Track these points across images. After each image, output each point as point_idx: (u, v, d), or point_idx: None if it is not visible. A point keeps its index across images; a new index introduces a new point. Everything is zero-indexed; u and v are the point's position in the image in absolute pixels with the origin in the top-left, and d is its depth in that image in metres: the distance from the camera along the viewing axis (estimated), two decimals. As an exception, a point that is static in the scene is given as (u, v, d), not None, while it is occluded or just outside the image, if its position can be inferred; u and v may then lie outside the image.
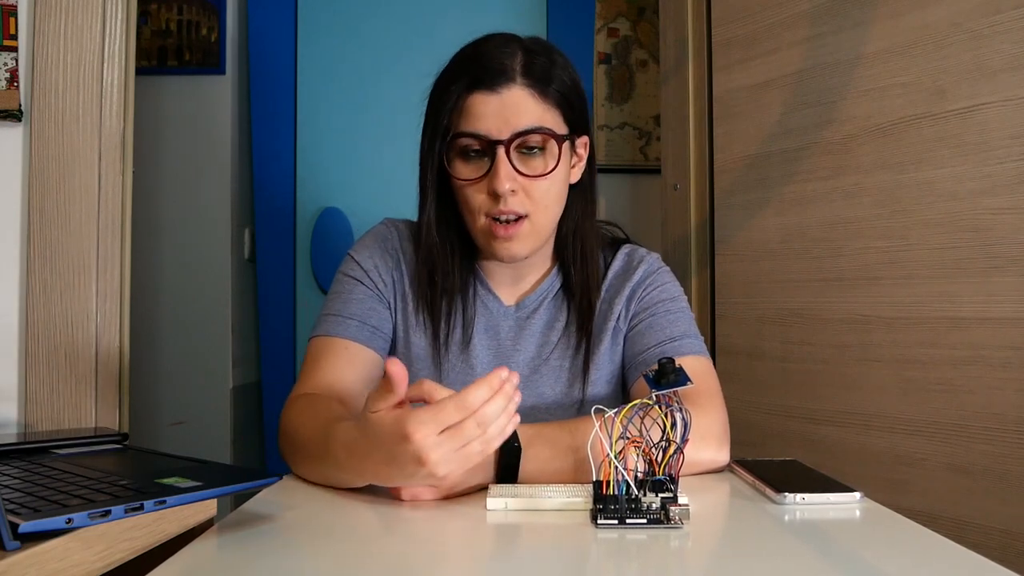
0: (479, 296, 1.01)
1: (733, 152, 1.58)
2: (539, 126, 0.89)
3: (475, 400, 0.64)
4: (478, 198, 0.91)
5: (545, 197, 0.91)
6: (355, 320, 0.96)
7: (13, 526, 0.51)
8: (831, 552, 0.59)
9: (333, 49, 2.16)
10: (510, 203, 0.89)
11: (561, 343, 0.99)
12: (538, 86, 0.89)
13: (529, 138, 0.89)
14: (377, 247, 1.02)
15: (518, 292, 1.02)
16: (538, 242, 0.94)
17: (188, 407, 2.07)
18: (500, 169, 0.87)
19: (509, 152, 0.88)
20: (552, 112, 0.91)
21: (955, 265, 1.22)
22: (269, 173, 2.18)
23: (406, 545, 0.61)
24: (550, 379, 0.98)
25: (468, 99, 0.89)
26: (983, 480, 1.18)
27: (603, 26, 2.21)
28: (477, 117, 0.88)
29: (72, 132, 1.14)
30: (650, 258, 1.04)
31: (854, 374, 1.36)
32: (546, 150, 0.91)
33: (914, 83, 1.28)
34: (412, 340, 0.99)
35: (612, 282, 1.02)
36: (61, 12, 1.14)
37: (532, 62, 0.90)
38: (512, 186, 0.88)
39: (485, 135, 0.88)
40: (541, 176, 0.90)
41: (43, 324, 1.12)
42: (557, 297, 1.02)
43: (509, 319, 1.00)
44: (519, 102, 0.88)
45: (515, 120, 0.88)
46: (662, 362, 0.67)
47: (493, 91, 0.88)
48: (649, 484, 0.66)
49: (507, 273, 1.01)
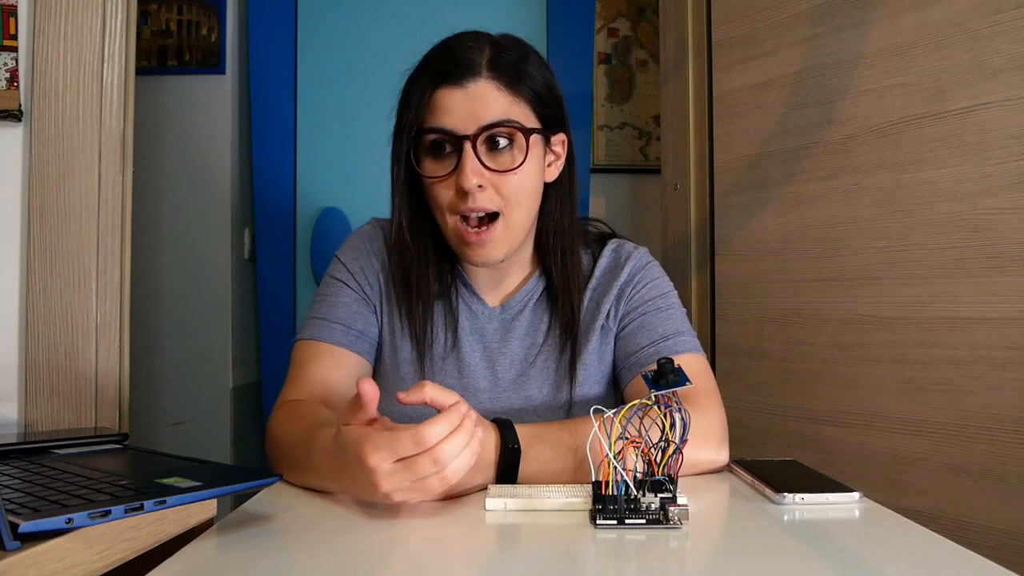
0: (463, 299, 0.99)
1: (733, 152, 1.58)
2: (506, 119, 0.86)
3: (431, 436, 0.63)
4: (447, 195, 0.89)
5: (517, 193, 0.89)
6: (340, 324, 0.95)
7: (13, 526, 0.51)
8: (831, 552, 0.59)
9: (333, 49, 2.16)
10: (478, 199, 0.87)
11: (547, 344, 0.98)
12: (504, 79, 0.87)
13: (496, 131, 0.87)
14: (363, 248, 1.01)
15: (502, 293, 1.00)
16: (513, 243, 0.92)
17: (188, 407, 2.07)
18: (466, 164, 0.85)
19: (476, 147, 0.86)
20: (520, 106, 0.88)
21: (955, 265, 1.22)
22: (269, 173, 2.17)
23: (406, 545, 0.61)
24: (538, 381, 0.97)
25: (434, 94, 0.87)
26: (983, 480, 1.18)
27: (603, 26, 2.21)
28: (443, 112, 0.87)
29: (72, 132, 1.14)
30: (637, 253, 1.02)
31: (854, 374, 1.36)
32: (514, 143, 0.88)
33: (914, 83, 1.28)
34: (399, 344, 0.97)
35: (600, 280, 1.00)
36: (61, 12, 1.14)
37: (500, 56, 0.88)
38: (479, 181, 0.86)
39: (451, 130, 0.86)
40: (509, 171, 0.88)
41: (43, 324, 1.11)
42: (542, 298, 1.00)
43: (494, 321, 0.99)
44: (485, 95, 0.86)
45: (481, 113, 0.86)
46: (661, 362, 0.67)
47: (458, 85, 0.86)
48: (648, 484, 0.66)
49: (489, 275, 0.99)
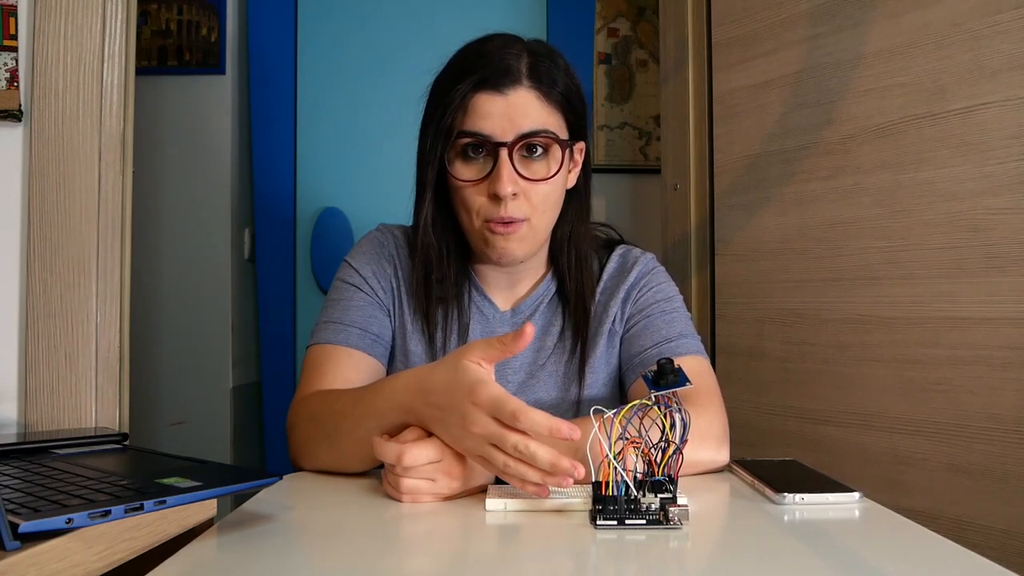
0: (474, 301, 1.00)
1: (733, 152, 1.58)
2: (543, 129, 0.88)
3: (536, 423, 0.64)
4: (478, 200, 0.89)
5: (544, 202, 0.90)
6: (356, 328, 0.95)
7: (13, 526, 0.51)
8: (830, 552, 0.59)
9: (333, 49, 2.16)
10: (510, 208, 0.88)
11: (557, 348, 0.99)
12: (543, 88, 0.89)
13: (533, 140, 0.88)
14: (374, 253, 1.01)
15: (513, 297, 1.01)
16: (534, 246, 0.94)
17: (188, 407, 2.07)
18: (503, 172, 0.86)
19: (512, 154, 0.87)
20: (555, 116, 0.90)
21: (955, 265, 1.22)
22: (269, 173, 2.18)
23: (406, 545, 0.61)
24: (547, 384, 0.98)
25: (473, 99, 0.88)
26: (983, 480, 1.18)
27: (603, 26, 2.21)
28: (481, 117, 0.87)
29: (72, 132, 1.14)
30: (645, 258, 1.03)
31: (854, 374, 1.35)
32: (549, 154, 0.90)
33: (914, 83, 1.28)
34: (410, 348, 0.98)
35: (607, 284, 1.01)
36: (61, 12, 1.14)
37: (538, 64, 0.89)
38: (514, 189, 0.87)
39: (489, 136, 0.87)
40: (543, 180, 0.89)
41: (43, 324, 1.11)
42: (552, 302, 1.01)
43: (505, 325, 1.00)
44: (525, 104, 0.87)
45: (520, 122, 0.87)
46: (661, 363, 0.67)
47: (499, 92, 0.87)
48: (648, 485, 0.66)
49: (502, 278, 1.00)
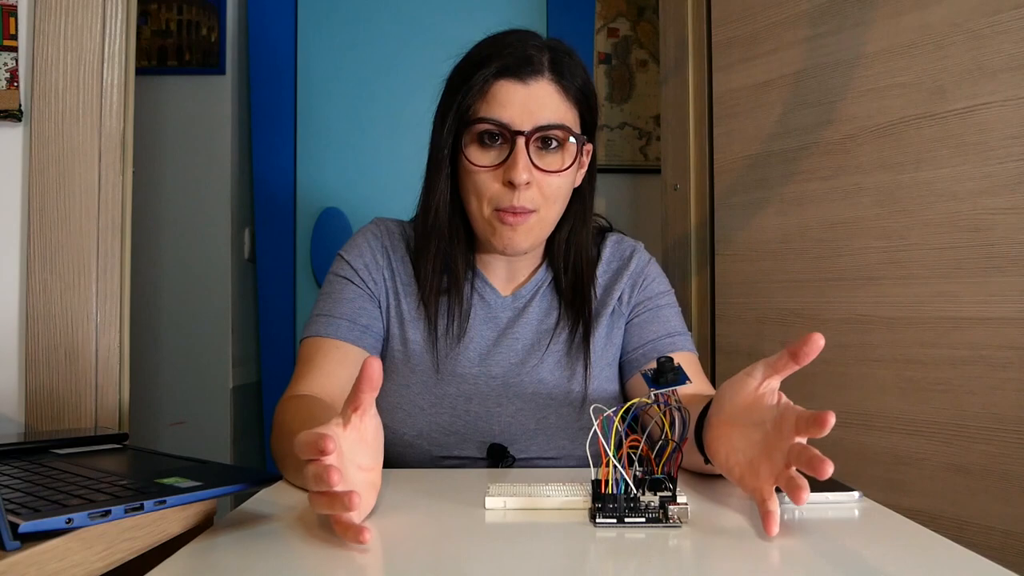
0: (476, 288, 1.01)
1: (733, 152, 1.58)
2: (560, 123, 0.89)
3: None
4: (491, 187, 0.90)
5: (555, 194, 0.92)
6: (345, 320, 0.96)
7: (13, 526, 0.51)
8: (831, 552, 0.58)
9: (333, 49, 2.16)
10: (522, 197, 0.89)
11: (559, 329, 1.00)
12: (563, 82, 0.90)
13: (549, 133, 0.89)
14: (367, 246, 1.02)
15: (513, 284, 1.02)
16: (540, 238, 0.95)
17: (188, 407, 2.07)
18: (519, 160, 0.87)
19: (528, 144, 0.88)
20: (572, 111, 0.92)
21: (955, 265, 1.22)
22: (269, 173, 2.18)
23: (405, 544, 0.61)
24: (550, 364, 0.98)
25: (494, 85, 0.89)
26: (983, 480, 1.18)
27: (603, 26, 2.21)
28: (501, 105, 0.88)
29: (72, 132, 1.14)
30: (639, 247, 1.06)
31: (854, 374, 1.35)
32: (563, 148, 0.91)
33: (914, 83, 1.28)
34: (408, 336, 0.99)
35: (607, 268, 1.03)
36: (61, 12, 1.14)
37: (559, 59, 0.90)
38: (528, 178, 0.88)
39: (507, 124, 0.88)
40: (556, 172, 0.90)
41: (43, 324, 1.11)
42: (551, 286, 1.02)
43: (507, 309, 1.00)
44: (545, 96, 0.89)
45: (539, 113, 0.88)
46: (661, 361, 0.67)
47: (521, 81, 0.88)
48: (648, 483, 0.66)
49: (502, 267, 1.01)
